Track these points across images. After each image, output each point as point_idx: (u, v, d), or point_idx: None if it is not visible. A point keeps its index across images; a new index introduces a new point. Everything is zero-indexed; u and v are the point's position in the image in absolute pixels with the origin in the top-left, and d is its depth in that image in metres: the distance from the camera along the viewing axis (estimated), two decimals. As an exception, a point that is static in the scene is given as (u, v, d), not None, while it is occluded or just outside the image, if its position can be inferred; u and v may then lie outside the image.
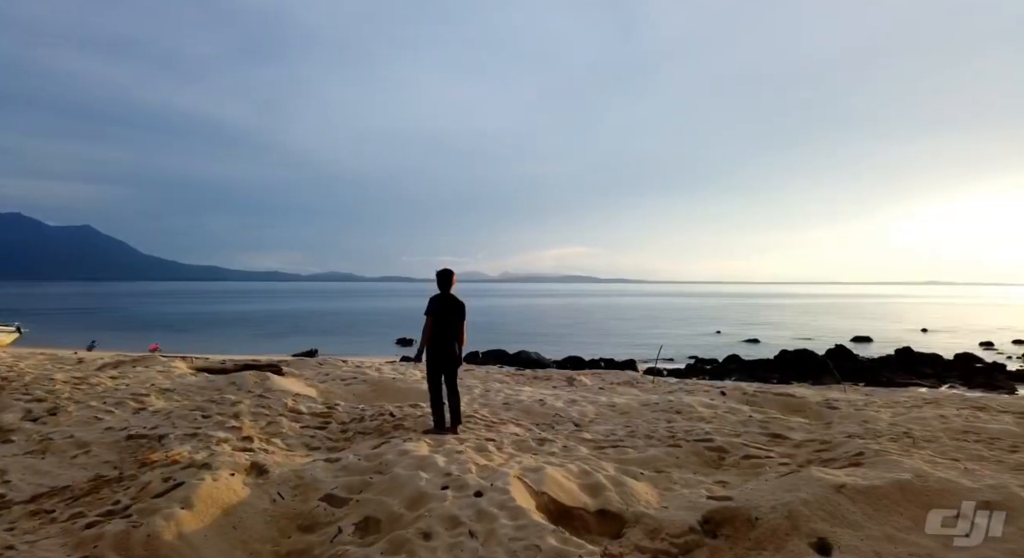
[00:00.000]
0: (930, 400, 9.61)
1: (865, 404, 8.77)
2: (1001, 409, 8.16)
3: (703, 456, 5.41)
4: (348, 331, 41.05)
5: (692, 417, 7.30)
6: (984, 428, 6.37)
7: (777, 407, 8.53)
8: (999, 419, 7.16)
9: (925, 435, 6.04)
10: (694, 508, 3.70)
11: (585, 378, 12.41)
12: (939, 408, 8.29)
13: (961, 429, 6.38)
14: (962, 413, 7.67)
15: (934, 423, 6.80)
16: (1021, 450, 5.34)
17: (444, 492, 3.76)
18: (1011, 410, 8.05)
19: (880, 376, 19.87)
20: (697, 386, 12.01)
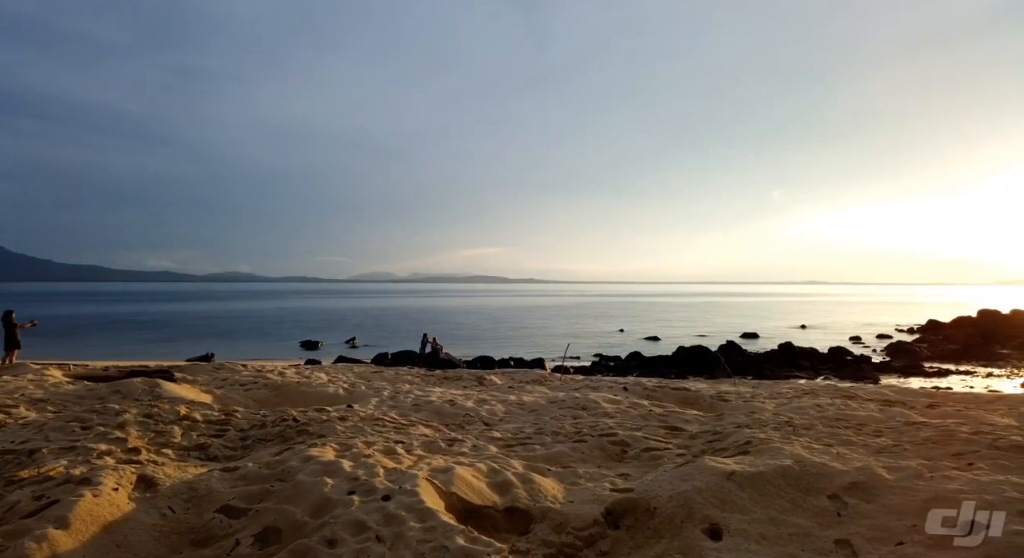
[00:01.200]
0: (808, 391, 10.49)
1: (752, 396, 9.44)
2: (867, 397, 9.05)
3: (607, 450, 5.62)
4: (248, 334, 39.01)
5: (597, 413, 7.55)
6: (853, 415, 7.05)
7: (675, 401, 9.00)
8: (866, 407, 7.94)
9: (804, 423, 6.59)
10: (598, 501, 3.84)
11: (495, 378, 12.52)
12: (815, 398, 9.07)
13: (834, 417, 7.01)
14: (835, 402, 8.43)
15: (811, 412, 7.43)
16: (884, 434, 5.94)
17: (350, 497, 3.68)
18: (875, 398, 8.95)
19: (765, 369, 21.46)
20: (602, 383, 12.43)
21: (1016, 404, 8.06)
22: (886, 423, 6.47)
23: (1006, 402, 8.37)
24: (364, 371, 13.26)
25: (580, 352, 27.07)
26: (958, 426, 6.03)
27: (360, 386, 9.89)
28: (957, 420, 6.57)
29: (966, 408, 7.76)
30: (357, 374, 12.29)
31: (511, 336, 38.74)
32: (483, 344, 31.60)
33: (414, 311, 70.60)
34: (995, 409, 7.61)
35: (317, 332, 36.91)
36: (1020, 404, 8.06)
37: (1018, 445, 4.97)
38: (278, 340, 34.25)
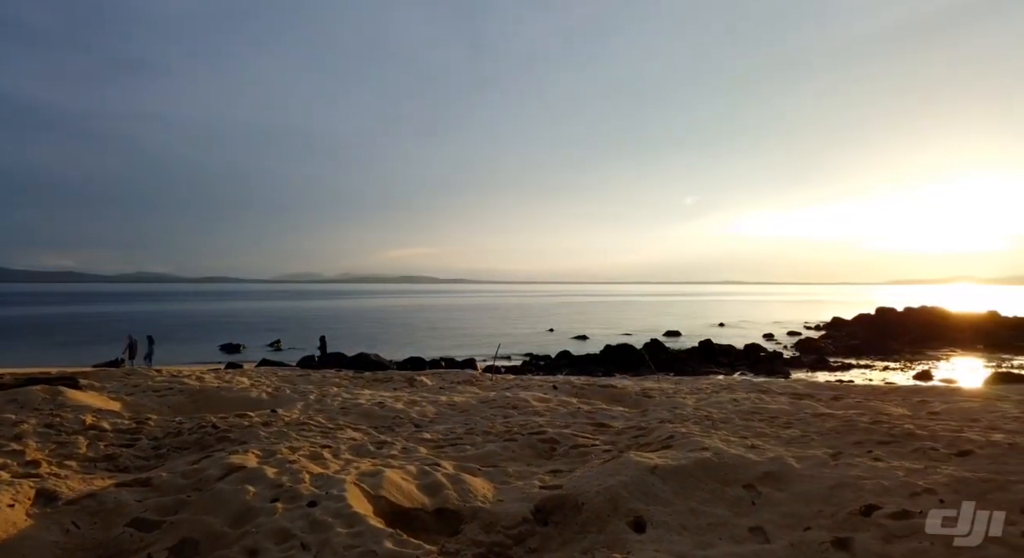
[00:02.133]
0: (726, 386, 11.01)
1: (675, 392, 9.81)
2: (779, 391, 9.61)
3: (537, 448, 5.70)
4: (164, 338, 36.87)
5: (527, 412, 7.64)
6: (766, 408, 7.46)
7: (602, 398, 9.23)
8: (777, 400, 8.42)
9: (722, 417, 6.92)
10: (527, 499, 3.90)
11: (426, 378, 12.42)
12: (732, 393, 9.54)
13: (749, 410, 7.40)
14: (750, 396, 8.90)
15: (729, 406, 7.81)
16: (794, 426, 6.32)
17: (274, 505, 3.56)
18: (786, 392, 9.51)
19: (687, 366, 22.35)
20: (532, 382, 12.58)
21: (908, 395, 8.77)
22: (795, 415, 6.88)
23: (899, 393, 9.10)
24: (289, 374, 12.83)
25: (511, 352, 27.27)
26: (859, 416, 6.50)
27: (285, 390, 9.57)
28: (858, 411, 7.08)
29: (866, 399, 8.37)
30: (282, 378, 11.88)
31: (442, 337, 38.55)
32: (413, 345, 31.27)
33: (343, 312, 68.95)
34: (890, 400, 8.26)
35: (238, 335, 35.34)
36: (912, 395, 8.78)
37: (910, 433, 5.42)
38: (196, 344, 32.57)
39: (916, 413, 6.92)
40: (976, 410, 6.98)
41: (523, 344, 31.90)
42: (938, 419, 6.36)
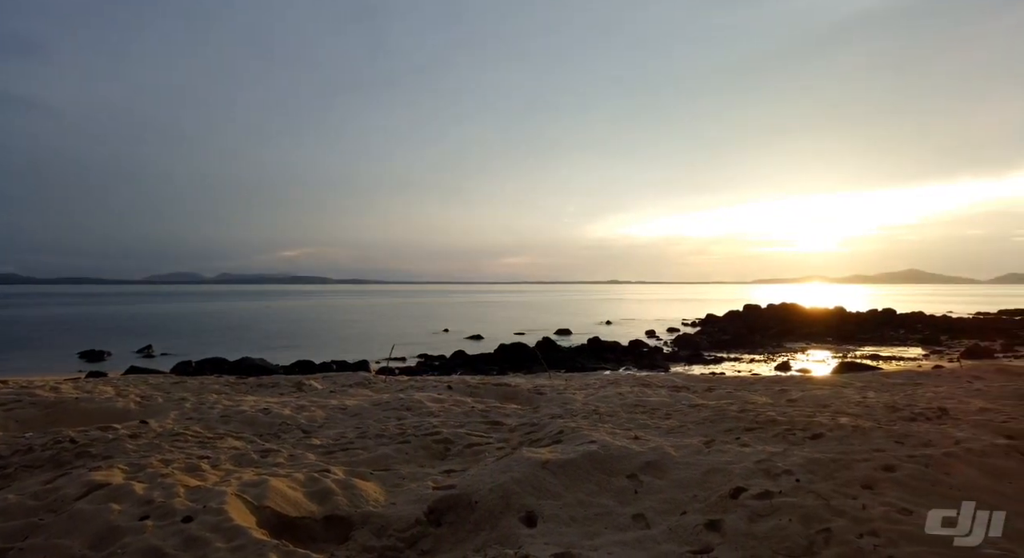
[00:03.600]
0: (612, 381, 11.54)
1: (565, 388, 10.15)
2: (659, 385, 10.22)
3: (431, 449, 5.68)
4: (8, 345, 32.70)
5: (422, 413, 7.59)
6: (648, 401, 7.91)
7: (496, 397, 9.35)
8: (658, 393, 8.96)
9: (608, 411, 7.25)
10: (421, 500, 3.88)
11: (315, 382, 11.94)
12: (618, 387, 10.02)
13: (633, 403, 7.81)
14: (634, 390, 9.39)
15: (614, 400, 8.19)
16: (672, 417, 6.75)
17: (143, 523, 3.30)
18: (666, 385, 10.13)
19: (577, 362, 23.16)
20: (426, 382, 12.48)
21: (770, 385, 9.65)
22: (674, 407, 7.35)
23: (763, 383, 10.00)
24: (162, 382, 11.85)
25: (405, 353, 26.89)
26: (729, 406, 7.06)
27: (157, 398, 8.84)
28: (728, 401, 7.70)
29: (735, 390, 9.12)
30: (153, 385, 10.96)
31: (333, 338, 37.24)
32: (302, 348, 29.95)
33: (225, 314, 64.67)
34: (755, 390, 9.04)
35: (103, 341, 32.07)
36: (773, 384, 9.67)
37: (772, 419, 5.97)
38: (48, 351, 29.17)
39: (777, 401, 7.62)
40: (826, 397, 7.81)
41: (418, 344, 31.54)
42: (795, 406, 7.05)
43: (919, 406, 6.51)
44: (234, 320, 55.35)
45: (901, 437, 4.80)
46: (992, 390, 8.07)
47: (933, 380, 9.89)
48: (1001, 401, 7.05)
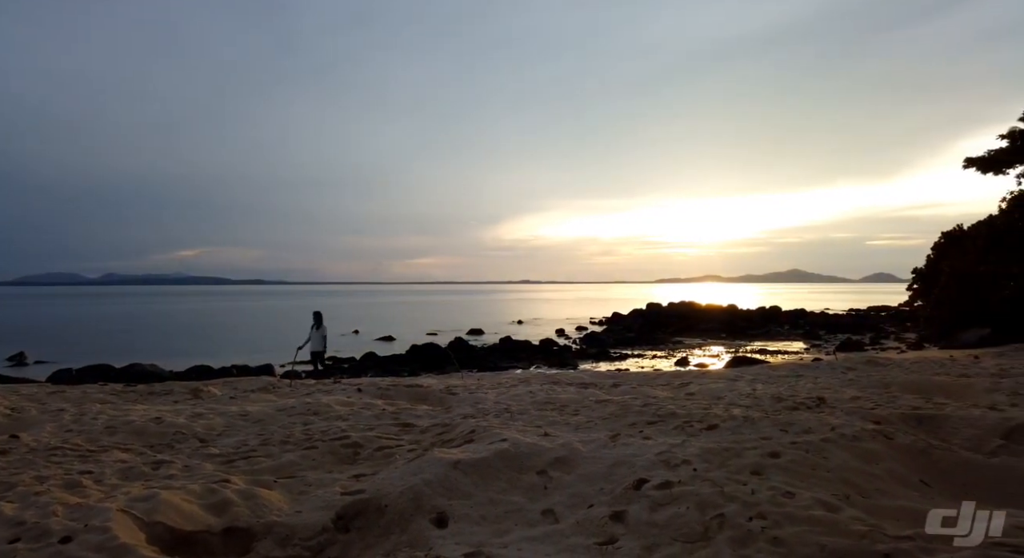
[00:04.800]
0: (523, 379, 11.73)
1: (477, 387, 10.19)
2: (568, 382, 10.49)
3: (339, 454, 5.53)
4: None
5: (329, 417, 7.37)
6: (557, 398, 8.11)
7: (407, 398, 9.24)
8: (567, 390, 9.20)
9: (519, 409, 7.36)
10: (328, 507, 3.78)
11: (214, 388, 11.29)
12: (529, 385, 10.19)
13: (543, 401, 7.97)
14: (544, 388, 9.59)
15: (525, 398, 8.33)
16: (580, 413, 6.96)
17: (13, 546, 3.00)
18: (575, 382, 10.43)
19: (489, 362, 23.31)
20: (336, 386, 12.13)
21: (671, 379, 10.17)
22: (582, 403, 7.58)
23: (664, 378, 10.51)
24: (36, 392, 10.77)
25: (312, 355, 25.97)
26: (633, 401, 7.37)
27: (30, 410, 8.03)
28: (632, 396, 8.03)
29: (638, 385, 9.53)
30: (26, 396, 9.94)
31: (234, 342, 35.27)
32: (199, 353, 28.13)
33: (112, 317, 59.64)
34: (657, 384, 9.50)
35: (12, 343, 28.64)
36: (674, 379, 10.19)
37: (672, 412, 6.29)
38: None
39: (677, 395, 8.04)
40: (721, 390, 8.32)
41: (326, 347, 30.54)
42: (693, 399, 7.47)
43: (800, 396, 7.08)
44: (121, 324, 51.23)
45: (785, 425, 5.20)
46: (862, 380, 8.92)
47: (813, 372, 10.79)
48: (870, 390, 7.81)
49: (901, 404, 6.39)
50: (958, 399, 7.02)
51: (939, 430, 5.29)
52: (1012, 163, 20.73)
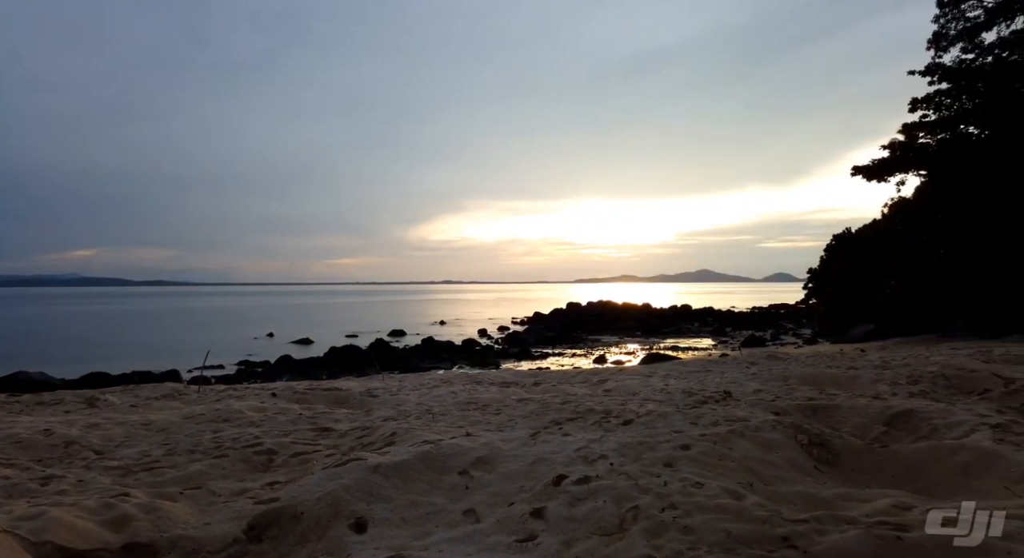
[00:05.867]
0: (446, 380, 11.68)
1: (399, 389, 10.06)
2: (491, 381, 10.55)
3: (252, 461, 5.31)
4: None
5: (241, 423, 7.05)
6: (479, 398, 8.14)
7: (326, 402, 8.99)
8: (489, 390, 9.25)
9: (442, 410, 7.33)
10: (239, 517, 3.62)
11: (113, 396, 10.49)
12: (451, 386, 10.17)
13: (466, 401, 7.98)
14: (466, 388, 9.60)
15: (448, 399, 8.31)
16: (502, 412, 7.02)
17: None
18: (497, 382, 10.50)
19: (411, 363, 23.06)
20: (248, 390, 11.59)
21: (589, 376, 10.44)
22: (504, 402, 7.65)
23: (583, 376, 10.78)
24: None
25: (223, 360, 24.71)
26: (553, 398, 7.52)
27: None
28: (552, 394, 8.19)
29: (558, 383, 9.72)
30: None
31: (135, 347, 32.95)
32: (95, 359, 26.08)
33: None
34: (576, 382, 9.73)
35: None
36: (592, 376, 10.48)
37: (590, 409, 6.47)
38: None
39: (595, 391, 8.28)
40: (636, 385, 8.64)
41: (238, 350, 29.08)
42: (610, 395, 7.71)
43: (709, 391, 7.47)
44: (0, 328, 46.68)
45: (695, 419, 5.47)
46: (764, 374, 9.51)
47: (720, 367, 11.40)
48: (770, 383, 8.35)
49: (798, 396, 6.88)
50: (847, 390, 7.64)
51: (831, 419, 5.74)
52: (892, 171, 22.82)
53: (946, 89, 22.06)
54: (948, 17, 22.65)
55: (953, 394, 7.08)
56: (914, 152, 22.23)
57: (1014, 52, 21.24)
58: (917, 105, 22.38)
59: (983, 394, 6.90)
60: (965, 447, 4.43)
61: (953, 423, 5.21)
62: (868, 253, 22.98)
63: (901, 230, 22.05)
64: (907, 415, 5.60)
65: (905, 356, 10.82)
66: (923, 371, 8.25)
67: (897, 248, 21.73)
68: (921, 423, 5.39)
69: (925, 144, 22.24)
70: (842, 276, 23.57)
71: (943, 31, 22.77)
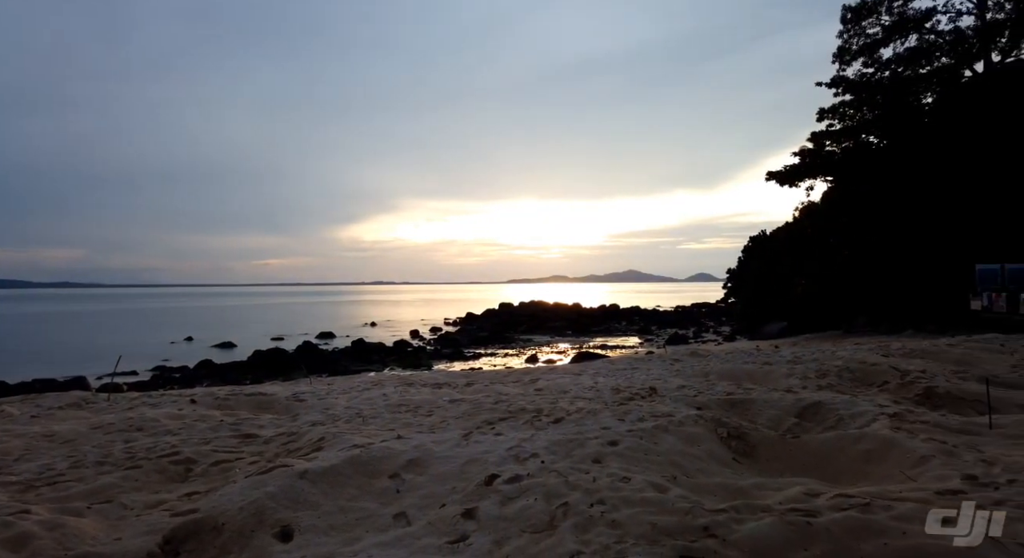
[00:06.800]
0: (376, 382, 11.49)
1: (328, 393, 9.80)
2: (423, 383, 10.47)
3: (168, 472, 5.04)
4: None
5: (157, 432, 6.68)
6: (411, 399, 8.06)
7: (249, 407, 8.64)
8: (421, 391, 9.17)
9: (372, 413, 7.21)
10: (154, 531, 3.44)
11: (10, 407, 9.66)
12: (382, 388, 10.01)
13: (397, 403, 7.88)
14: (398, 390, 9.48)
15: (379, 401, 8.18)
16: (434, 413, 6.98)
17: None
18: (429, 383, 10.43)
19: (340, 366, 22.52)
20: (164, 397, 10.98)
21: (521, 376, 10.55)
22: (436, 403, 7.61)
23: (515, 375, 10.88)
24: None
25: (137, 366, 23.30)
26: (485, 398, 7.55)
27: None
28: (485, 394, 8.22)
29: (491, 383, 9.77)
30: None
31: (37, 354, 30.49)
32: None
33: None
34: (509, 381, 9.81)
35: None
36: (523, 375, 10.59)
37: (522, 408, 6.54)
38: None
39: (526, 391, 8.37)
40: (567, 384, 8.80)
41: (154, 355, 27.46)
42: (542, 394, 7.82)
43: (636, 387, 7.71)
44: None
45: (623, 415, 5.64)
46: (687, 370, 9.91)
47: (646, 364, 11.78)
48: (693, 379, 8.71)
49: (718, 391, 7.21)
50: (763, 384, 8.07)
51: (748, 412, 6.05)
52: (802, 177, 24.37)
53: (850, 100, 23.80)
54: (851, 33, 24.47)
55: (856, 386, 7.63)
56: (822, 159, 23.84)
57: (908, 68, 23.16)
58: (824, 115, 24.02)
59: (882, 386, 7.48)
60: (867, 436, 4.79)
61: (856, 414, 5.62)
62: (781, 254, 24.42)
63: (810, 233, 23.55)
64: (816, 407, 5.99)
65: (814, 351, 11.54)
66: (830, 365, 8.84)
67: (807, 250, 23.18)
68: (828, 414, 5.78)
69: (831, 152, 23.89)
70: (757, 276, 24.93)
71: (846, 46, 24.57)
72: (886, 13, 23.56)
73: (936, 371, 8.00)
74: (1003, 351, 9.78)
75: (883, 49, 23.93)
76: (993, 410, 5.50)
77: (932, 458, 4.10)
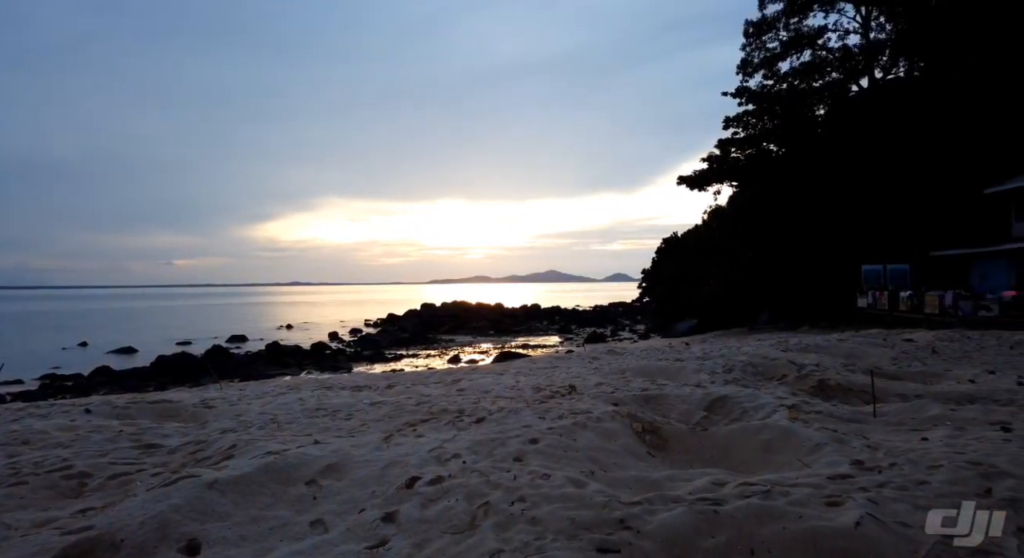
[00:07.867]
0: (292, 386, 11.09)
1: (240, 399, 9.36)
2: (342, 386, 10.20)
3: (59, 487, 4.65)
4: None
5: (45, 445, 6.13)
6: (329, 403, 7.84)
7: (152, 416, 8.11)
8: (340, 395, 8.94)
9: (287, 418, 6.95)
10: (42, 552, 3.18)
11: None
12: (299, 392, 9.67)
13: (314, 407, 7.64)
14: (315, 393, 9.19)
15: (295, 406, 7.90)
16: (354, 417, 6.82)
17: None
18: (348, 386, 10.17)
19: (254, 370, 21.58)
20: (54, 407, 10.10)
21: (443, 377, 10.50)
22: (355, 406, 7.45)
23: (437, 376, 10.82)
24: None
25: (22, 374, 21.31)
26: (407, 400, 7.46)
27: None
28: (406, 395, 8.12)
29: (413, 385, 9.66)
30: None
31: None
32: None
33: None
34: (431, 383, 9.74)
35: None
36: (446, 376, 10.55)
37: (444, 409, 6.52)
38: None
39: (448, 391, 8.35)
40: (489, 384, 8.85)
41: (42, 362, 25.16)
42: (464, 395, 7.83)
43: (556, 385, 7.87)
44: None
45: (543, 413, 5.75)
46: (604, 368, 10.22)
47: (566, 363, 12.05)
48: (610, 376, 8.99)
49: (634, 387, 7.49)
50: (675, 380, 8.45)
51: (661, 407, 6.32)
52: (710, 182, 25.80)
53: (752, 110, 25.45)
54: (752, 46, 26.21)
55: (759, 380, 8.14)
56: (728, 165, 25.34)
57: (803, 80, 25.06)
58: (729, 123, 25.54)
59: (782, 379, 8.02)
60: (767, 426, 5.13)
61: (759, 406, 5.99)
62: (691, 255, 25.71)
63: (718, 235, 24.92)
64: (723, 401, 6.34)
65: (721, 348, 12.19)
66: (735, 360, 9.38)
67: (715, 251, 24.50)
68: (734, 407, 6.14)
69: (736, 158, 25.42)
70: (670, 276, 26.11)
71: (749, 58, 26.28)
72: (784, 29, 25.43)
73: (828, 364, 8.68)
74: (885, 345, 10.74)
75: (781, 63, 25.82)
76: (877, 399, 6.04)
77: (825, 445, 4.45)
